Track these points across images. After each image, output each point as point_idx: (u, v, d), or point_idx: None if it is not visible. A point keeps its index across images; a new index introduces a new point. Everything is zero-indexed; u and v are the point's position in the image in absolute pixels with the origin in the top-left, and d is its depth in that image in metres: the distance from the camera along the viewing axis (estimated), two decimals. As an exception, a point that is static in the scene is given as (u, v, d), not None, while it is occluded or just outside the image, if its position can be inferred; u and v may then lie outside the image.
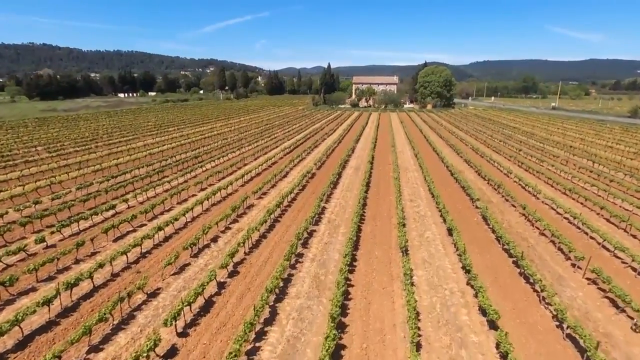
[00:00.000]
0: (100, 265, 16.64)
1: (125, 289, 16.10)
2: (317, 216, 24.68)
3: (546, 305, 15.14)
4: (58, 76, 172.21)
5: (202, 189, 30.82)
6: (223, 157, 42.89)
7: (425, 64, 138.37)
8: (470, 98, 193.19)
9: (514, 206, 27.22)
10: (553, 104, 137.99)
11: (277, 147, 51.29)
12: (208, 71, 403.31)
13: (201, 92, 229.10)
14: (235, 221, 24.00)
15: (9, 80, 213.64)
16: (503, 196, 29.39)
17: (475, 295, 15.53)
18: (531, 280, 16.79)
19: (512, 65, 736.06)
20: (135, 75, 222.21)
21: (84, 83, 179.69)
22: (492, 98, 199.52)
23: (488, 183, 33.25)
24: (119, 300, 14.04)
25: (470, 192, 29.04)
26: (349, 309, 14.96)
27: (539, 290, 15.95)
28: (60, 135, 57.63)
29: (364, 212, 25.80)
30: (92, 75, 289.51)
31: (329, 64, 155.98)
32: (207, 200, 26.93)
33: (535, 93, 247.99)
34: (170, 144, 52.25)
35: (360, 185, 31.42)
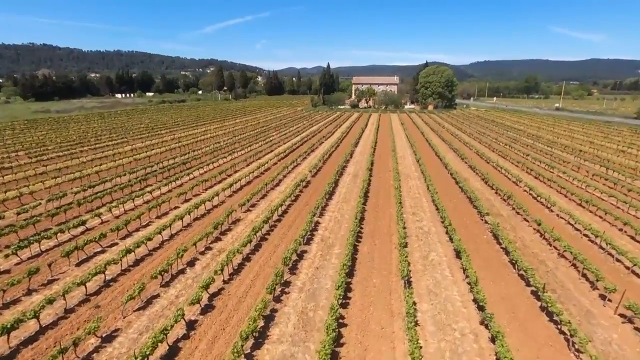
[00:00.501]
0: (50, 302, 14.18)
1: (78, 329, 13.67)
2: (308, 233, 22.21)
3: (577, 354, 12.65)
4: (54, 77, 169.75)
5: (186, 200, 28.35)
6: (213, 163, 40.42)
7: (427, 64, 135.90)
8: (472, 98, 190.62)
9: (526, 220, 24.73)
10: (557, 105, 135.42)
11: (271, 151, 48.83)
12: (208, 71, 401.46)
13: (200, 92, 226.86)
14: (217, 239, 21.53)
15: (6, 81, 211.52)
16: (514, 209, 26.89)
17: (492, 340, 13.04)
18: (555, 318, 14.30)
19: (512, 65, 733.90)
20: (134, 75, 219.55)
21: (80, 83, 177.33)
22: (494, 98, 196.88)
23: (496, 193, 30.75)
24: (61, 352, 11.57)
25: (478, 204, 26.56)
26: (340, 358, 12.50)
27: (566, 332, 13.46)
28: (46, 139, 55.24)
29: (361, 228, 23.33)
30: (93, 75, 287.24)
31: (328, 64, 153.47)
32: (189, 214, 24.44)
33: (537, 93, 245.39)
34: (160, 148, 49.80)
35: (357, 195, 28.97)
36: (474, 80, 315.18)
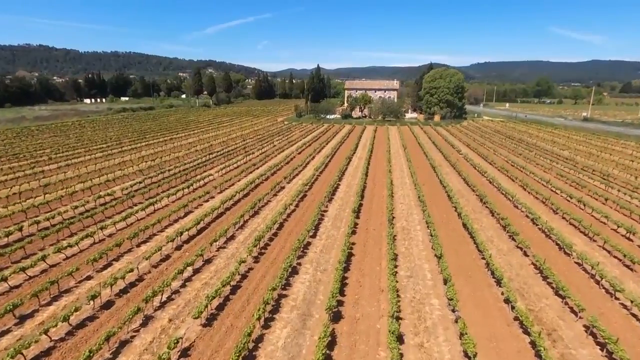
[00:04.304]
0: None
1: None
2: None
3: None
4: (7, 80, 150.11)
5: None
6: (59, 251, 20.80)
7: (431, 66, 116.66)
8: (481, 104, 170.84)
9: None
10: (584, 114, 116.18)
11: (187, 214, 29.37)
12: (206, 73, 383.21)
13: (183, 96, 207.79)
14: None
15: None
16: None
17: None
18: None
19: (513, 67, 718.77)
20: (106, 79, 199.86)
21: (41, 88, 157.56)
22: (507, 104, 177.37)
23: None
24: None
25: None
26: None
27: None
28: None
29: None
30: (88, 77, 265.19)
31: (317, 65, 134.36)
32: None
33: (547, 97, 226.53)
34: (11, 205, 30.15)
35: None
36: (475, 82, 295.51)
